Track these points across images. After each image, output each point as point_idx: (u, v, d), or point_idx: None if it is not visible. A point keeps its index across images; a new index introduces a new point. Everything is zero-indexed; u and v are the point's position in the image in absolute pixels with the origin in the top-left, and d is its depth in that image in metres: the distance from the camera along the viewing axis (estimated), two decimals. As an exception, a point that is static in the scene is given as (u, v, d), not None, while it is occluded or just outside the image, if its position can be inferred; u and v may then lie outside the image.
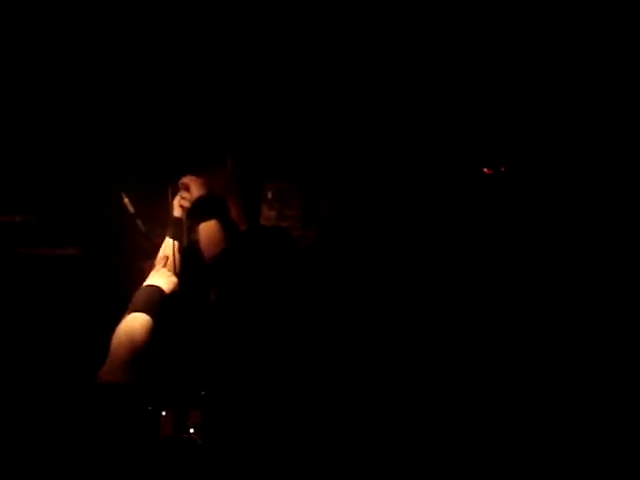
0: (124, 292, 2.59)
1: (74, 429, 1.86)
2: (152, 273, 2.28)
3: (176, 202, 2.48)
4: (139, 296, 2.14)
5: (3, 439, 1.93)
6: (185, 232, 2.44)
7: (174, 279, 2.26)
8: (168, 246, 2.45)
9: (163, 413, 2.28)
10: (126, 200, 2.82)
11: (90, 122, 2.88)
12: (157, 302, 2.13)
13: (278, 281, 2.41)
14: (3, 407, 2.06)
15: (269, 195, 3.02)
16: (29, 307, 2.55)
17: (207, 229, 2.41)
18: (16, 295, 2.56)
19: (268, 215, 2.97)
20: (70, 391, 2.24)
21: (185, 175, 2.45)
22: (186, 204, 2.44)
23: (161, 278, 2.23)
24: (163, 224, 2.53)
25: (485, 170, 3.14)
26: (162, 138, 2.89)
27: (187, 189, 2.44)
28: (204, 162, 2.59)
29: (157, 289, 2.17)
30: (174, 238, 2.45)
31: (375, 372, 2.78)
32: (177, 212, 2.48)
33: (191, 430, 2.28)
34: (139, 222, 2.77)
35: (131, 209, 2.84)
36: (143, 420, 2.12)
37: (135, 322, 2.05)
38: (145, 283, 2.19)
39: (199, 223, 2.42)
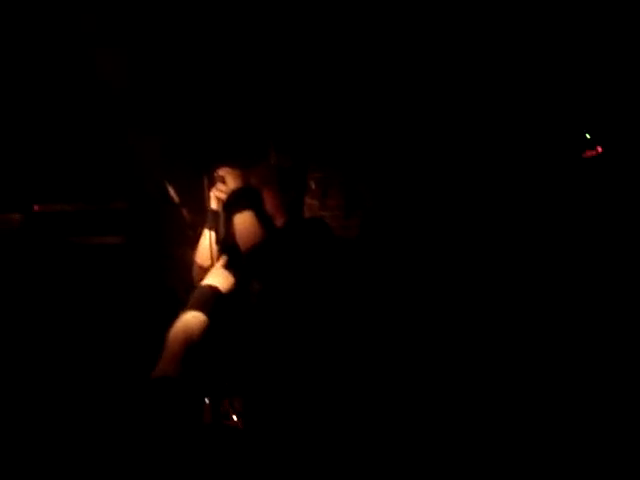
0: (166, 281, 2.65)
1: (128, 419, 1.93)
2: (211, 271, 2.32)
3: (212, 194, 2.48)
4: (197, 294, 2.20)
5: (58, 425, 2.02)
6: (222, 224, 2.46)
7: (231, 279, 2.29)
8: (205, 238, 2.48)
9: (206, 401, 2.32)
10: (171, 190, 2.88)
11: (133, 112, 2.91)
12: (214, 301, 2.18)
13: (317, 273, 2.39)
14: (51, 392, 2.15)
15: (312, 185, 2.99)
16: (76, 296, 2.64)
17: (242, 221, 2.40)
18: (63, 284, 2.65)
19: (311, 205, 2.95)
20: (120, 380, 2.32)
21: (220, 167, 2.45)
22: (222, 196, 2.45)
23: (219, 277, 2.26)
24: (204, 214, 2.55)
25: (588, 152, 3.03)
26: (203, 129, 2.90)
27: (223, 181, 2.44)
28: (244, 154, 2.59)
29: (215, 289, 2.22)
30: (211, 230, 2.47)
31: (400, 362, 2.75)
32: (214, 204, 2.49)
33: (233, 417, 2.31)
34: (184, 211, 2.82)
35: (176, 199, 2.90)
36: (191, 409, 2.17)
37: (192, 320, 2.11)
38: (204, 281, 2.24)
39: (234, 215, 2.42)
